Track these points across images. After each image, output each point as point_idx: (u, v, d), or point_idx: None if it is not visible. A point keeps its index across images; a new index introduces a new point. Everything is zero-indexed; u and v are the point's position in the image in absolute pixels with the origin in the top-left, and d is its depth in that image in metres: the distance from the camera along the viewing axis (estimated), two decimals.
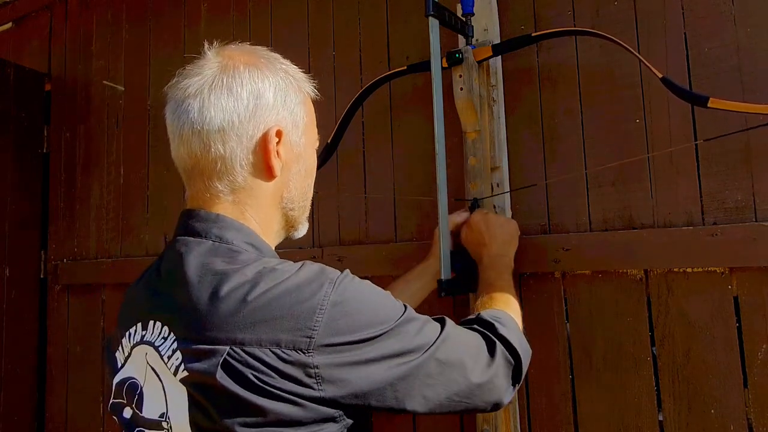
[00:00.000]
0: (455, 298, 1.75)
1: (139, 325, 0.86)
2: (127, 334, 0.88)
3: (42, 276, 2.81)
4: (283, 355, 0.75)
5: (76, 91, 2.82)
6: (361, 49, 2.02)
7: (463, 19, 1.67)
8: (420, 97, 1.87)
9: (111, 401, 0.88)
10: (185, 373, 0.78)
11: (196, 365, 0.76)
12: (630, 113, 1.55)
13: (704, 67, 1.47)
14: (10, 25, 3.12)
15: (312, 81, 1.01)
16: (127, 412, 0.85)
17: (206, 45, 0.95)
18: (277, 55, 1.00)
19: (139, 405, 0.83)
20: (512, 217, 1.69)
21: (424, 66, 1.74)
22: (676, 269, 1.46)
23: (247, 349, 0.75)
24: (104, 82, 2.70)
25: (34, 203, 2.80)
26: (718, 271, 1.41)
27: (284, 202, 0.95)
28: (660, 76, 1.41)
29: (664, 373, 1.46)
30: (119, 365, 0.89)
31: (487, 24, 1.73)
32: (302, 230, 1.03)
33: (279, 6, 2.22)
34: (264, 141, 0.88)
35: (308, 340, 0.75)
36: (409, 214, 1.87)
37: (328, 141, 1.94)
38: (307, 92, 0.99)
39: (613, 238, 1.52)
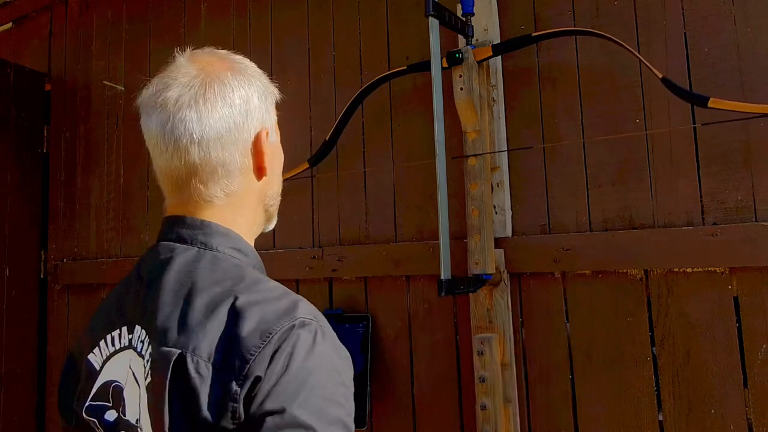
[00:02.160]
0: (455, 297, 1.75)
1: (124, 329, 0.86)
2: (109, 337, 0.88)
3: (42, 276, 2.81)
4: (216, 375, 0.75)
5: (76, 91, 2.82)
6: (361, 49, 2.02)
7: (463, 19, 1.67)
8: (420, 97, 1.87)
9: (89, 403, 0.87)
10: (149, 379, 0.79)
11: (156, 372, 0.77)
12: (630, 113, 1.55)
13: (704, 67, 1.47)
14: (10, 25, 3.12)
15: (274, 83, 1.04)
16: (111, 415, 0.85)
17: (176, 51, 0.94)
18: (244, 58, 1.02)
19: (123, 409, 0.84)
20: (512, 217, 1.69)
21: (424, 66, 1.74)
22: (676, 269, 1.46)
23: (196, 359, 0.76)
24: (104, 82, 2.70)
25: (34, 203, 2.80)
26: (718, 271, 1.41)
27: (267, 199, 0.97)
28: (660, 76, 1.41)
29: (664, 373, 1.46)
30: (97, 368, 0.88)
31: (487, 24, 1.73)
32: (273, 223, 1.03)
33: (279, 6, 2.22)
34: (256, 143, 0.91)
35: (246, 366, 0.75)
36: (409, 214, 1.87)
37: (326, 138, 1.94)
38: (275, 93, 1.03)
39: (613, 238, 1.52)
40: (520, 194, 1.68)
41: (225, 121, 0.87)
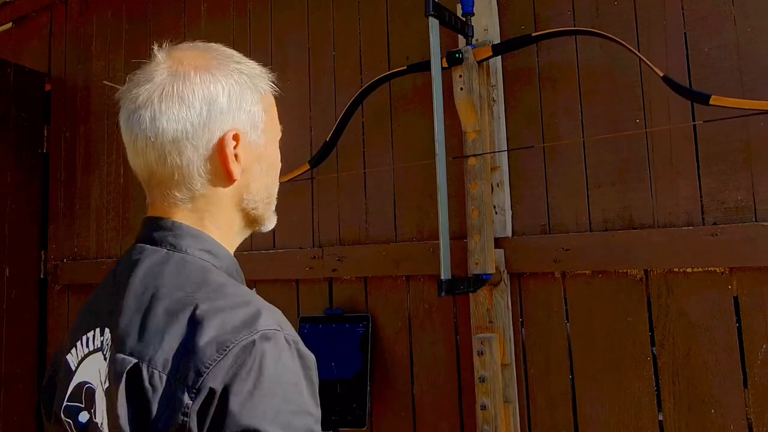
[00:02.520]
0: (455, 297, 1.75)
1: (98, 330, 0.84)
2: (84, 338, 0.86)
3: (42, 276, 2.81)
4: (169, 386, 0.73)
5: (76, 91, 2.82)
6: (361, 49, 2.02)
7: (463, 19, 1.67)
8: (420, 97, 1.87)
9: (65, 404, 0.86)
10: (107, 385, 0.78)
11: (112, 379, 0.76)
12: (630, 113, 1.55)
13: (704, 67, 1.47)
14: (10, 25, 3.12)
15: (270, 74, 0.98)
16: (84, 417, 0.84)
17: (155, 46, 0.90)
18: (232, 52, 0.95)
19: (94, 411, 0.83)
20: (512, 217, 1.69)
21: (424, 66, 1.74)
22: (676, 269, 1.46)
23: (151, 369, 0.74)
24: (104, 82, 2.70)
25: (34, 203, 2.80)
26: (718, 271, 1.41)
27: (245, 203, 0.92)
28: (661, 75, 1.41)
29: (664, 373, 1.46)
30: (73, 368, 0.87)
31: (487, 24, 1.73)
32: (269, 224, 0.98)
33: (279, 6, 2.22)
34: (221, 146, 0.85)
35: (200, 379, 0.72)
36: (409, 214, 1.87)
37: (327, 139, 1.94)
38: (265, 90, 0.96)
39: (613, 238, 1.52)
40: (520, 194, 1.68)
41: (180, 123, 0.83)
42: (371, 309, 1.90)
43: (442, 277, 1.49)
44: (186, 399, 0.71)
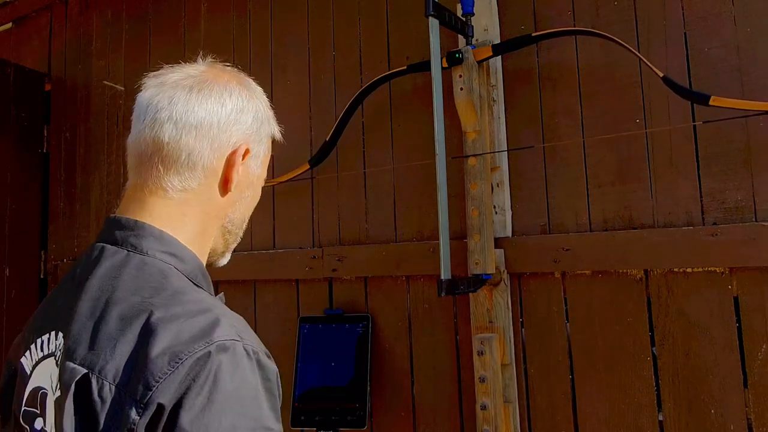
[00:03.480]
0: (455, 297, 1.75)
1: (53, 333, 0.81)
2: (39, 341, 0.83)
3: (42, 276, 2.81)
4: (117, 399, 0.70)
5: (76, 91, 2.82)
6: (361, 49, 2.02)
7: (463, 19, 1.67)
8: (420, 97, 1.87)
9: (24, 408, 0.83)
10: (58, 394, 0.75)
11: (61, 388, 0.73)
12: (630, 113, 1.55)
13: (704, 67, 1.47)
14: (10, 25, 3.12)
15: (279, 126, 1.02)
16: (39, 423, 0.81)
17: (201, 54, 0.96)
18: (261, 89, 0.99)
19: (45, 419, 0.80)
20: (512, 217, 1.69)
21: (424, 66, 1.74)
22: (676, 269, 1.46)
23: (101, 381, 0.71)
24: (104, 82, 2.70)
25: (34, 203, 2.80)
26: (718, 271, 1.41)
27: (227, 220, 0.93)
28: (661, 75, 1.41)
29: (664, 373, 1.46)
30: (28, 371, 0.84)
31: (487, 24, 1.73)
32: (226, 259, 0.99)
33: (279, 6, 2.22)
34: (233, 153, 0.88)
35: (149, 393, 0.69)
36: (409, 214, 1.87)
37: (327, 139, 1.94)
38: (276, 134, 1.00)
39: (613, 238, 1.52)
40: (520, 194, 1.68)
41: (209, 114, 0.86)
42: (371, 309, 1.90)
43: (442, 277, 1.49)
44: (133, 414, 0.68)
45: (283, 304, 2.07)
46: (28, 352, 0.85)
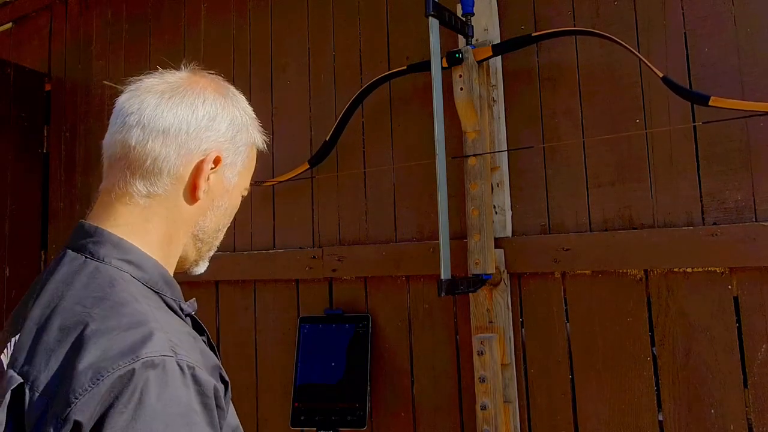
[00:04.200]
0: (455, 297, 1.75)
1: (16, 336, 0.80)
2: (9, 343, 0.82)
3: None
4: (42, 413, 0.68)
5: (76, 91, 2.82)
6: (361, 49, 2.02)
7: (463, 19, 1.67)
8: (420, 97, 1.87)
9: None
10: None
11: (1, 393, 0.72)
12: (630, 113, 1.55)
13: (704, 67, 1.47)
14: (10, 25, 3.12)
15: (265, 134, 1.00)
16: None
17: (184, 62, 0.95)
18: (244, 98, 0.98)
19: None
20: (512, 217, 1.69)
21: (424, 66, 1.74)
22: (676, 269, 1.46)
23: (33, 392, 0.70)
24: (104, 82, 2.70)
25: (34, 203, 2.80)
26: (718, 271, 1.41)
27: (197, 229, 0.91)
28: (661, 75, 1.41)
29: (664, 373, 1.46)
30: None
31: (487, 24, 1.73)
32: (201, 268, 0.97)
33: (279, 6, 2.22)
34: (201, 161, 0.87)
35: (67, 409, 0.67)
36: (409, 214, 1.87)
37: (327, 139, 1.94)
38: (257, 142, 0.97)
39: (613, 238, 1.52)
40: (520, 194, 1.68)
41: (179, 120, 0.86)
42: (371, 309, 1.90)
43: (442, 277, 1.49)
44: (51, 431, 0.66)
45: (283, 304, 2.07)
46: (5, 350, 0.84)
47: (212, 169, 0.88)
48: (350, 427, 1.77)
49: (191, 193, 0.88)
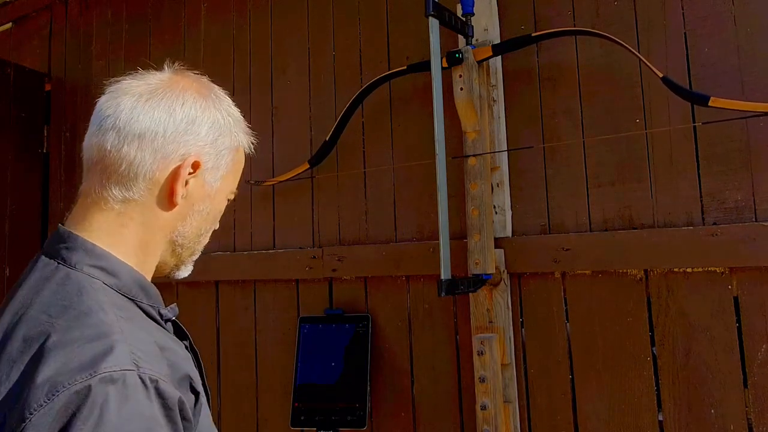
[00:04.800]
0: (455, 297, 1.75)
1: None
2: None
3: None
4: (3, 428, 0.66)
5: (76, 91, 2.82)
6: (361, 49, 2.02)
7: (463, 19, 1.67)
8: (420, 97, 1.87)
9: None
10: None
11: None
12: (630, 113, 1.55)
13: (704, 67, 1.47)
14: (10, 25, 3.12)
15: (254, 136, 0.98)
16: None
17: (167, 62, 0.93)
18: (230, 100, 0.95)
19: None
20: (512, 217, 1.69)
21: (424, 66, 1.74)
22: (676, 269, 1.46)
23: None
24: (104, 82, 2.69)
25: (34, 203, 2.80)
26: (718, 271, 1.41)
27: (176, 234, 0.89)
28: (661, 75, 1.41)
29: (664, 373, 1.46)
30: None
31: (487, 24, 1.73)
32: (184, 272, 0.95)
33: (279, 6, 2.22)
34: (178, 166, 0.85)
35: (21, 425, 0.65)
36: (409, 214, 1.87)
37: (326, 139, 1.94)
38: (242, 145, 0.95)
39: (613, 238, 1.52)
40: (520, 194, 1.68)
41: (155, 123, 0.83)
42: (371, 309, 1.90)
43: (442, 277, 1.49)
44: None
45: (283, 304, 2.07)
46: None
47: (191, 173, 0.86)
48: (350, 427, 1.77)
49: (168, 198, 0.85)
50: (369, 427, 1.82)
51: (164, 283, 0.93)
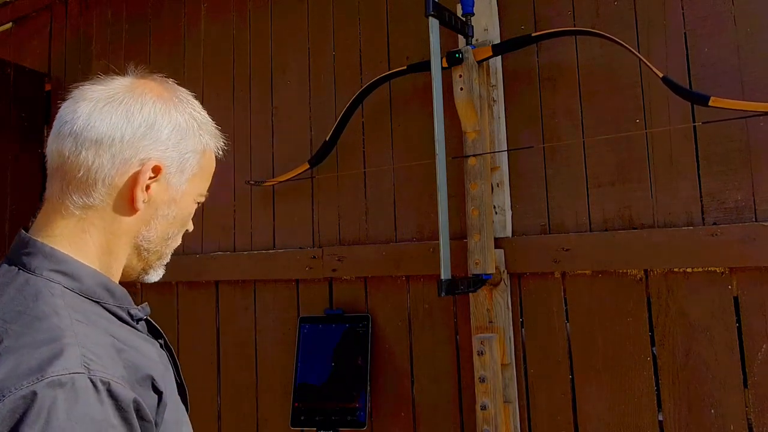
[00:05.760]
0: (455, 297, 1.75)
1: None
2: None
3: None
4: None
5: None
6: (361, 49, 2.02)
7: (463, 19, 1.67)
8: (420, 97, 1.87)
9: None
10: None
11: None
12: (630, 113, 1.55)
13: (704, 67, 1.47)
14: (10, 25, 3.12)
15: (224, 139, 0.97)
16: None
17: (131, 66, 0.92)
18: (196, 102, 0.94)
19: None
20: (512, 217, 1.69)
21: (424, 66, 1.74)
22: (676, 269, 1.46)
23: None
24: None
25: (34, 203, 2.80)
26: (718, 271, 1.41)
27: (140, 238, 0.88)
28: (661, 75, 1.41)
29: (664, 373, 1.46)
30: None
31: (487, 24, 1.73)
32: (153, 276, 0.94)
33: (279, 6, 2.22)
34: (139, 173, 0.84)
35: None
36: (409, 214, 1.87)
37: (326, 139, 1.94)
38: (209, 147, 0.93)
39: (613, 238, 1.52)
40: (520, 194, 1.68)
41: (112, 129, 0.82)
42: (371, 309, 1.90)
43: (442, 277, 1.49)
44: None
45: (283, 304, 2.07)
46: None
47: (152, 178, 0.85)
48: (350, 427, 1.77)
49: (129, 203, 0.85)
50: (369, 427, 1.82)
51: (164, 283, 0.93)
